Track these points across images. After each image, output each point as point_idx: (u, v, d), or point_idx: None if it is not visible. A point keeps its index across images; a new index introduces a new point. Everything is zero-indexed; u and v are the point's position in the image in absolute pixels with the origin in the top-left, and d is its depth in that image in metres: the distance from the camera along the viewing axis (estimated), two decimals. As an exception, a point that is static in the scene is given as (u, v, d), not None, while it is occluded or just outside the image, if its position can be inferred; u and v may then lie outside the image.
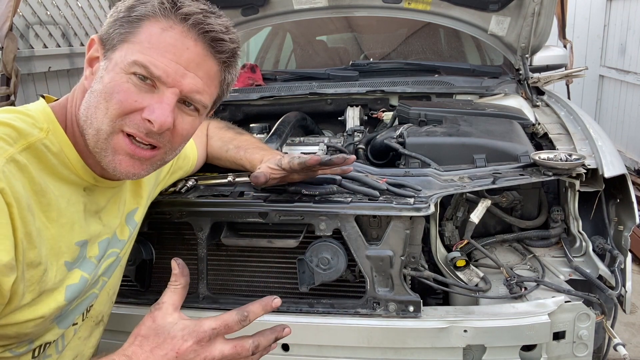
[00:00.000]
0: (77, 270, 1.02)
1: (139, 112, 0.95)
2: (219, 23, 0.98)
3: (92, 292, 1.11)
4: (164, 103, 0.95)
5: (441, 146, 1.63)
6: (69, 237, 0.99)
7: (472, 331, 1.33)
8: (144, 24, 0.94)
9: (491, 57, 2.90)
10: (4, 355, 0.95)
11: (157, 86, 0.95)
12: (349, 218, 1.37)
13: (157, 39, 0.94)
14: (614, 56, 5.60)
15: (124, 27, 0.95)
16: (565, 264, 1.52)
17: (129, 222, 1.20)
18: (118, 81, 0.93)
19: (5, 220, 0.82)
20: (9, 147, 0.87)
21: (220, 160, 1.59)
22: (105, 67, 0.96)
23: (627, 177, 1.47)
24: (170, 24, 0.94)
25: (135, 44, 0.94)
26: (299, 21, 2.75)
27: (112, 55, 0.95)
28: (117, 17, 0.96)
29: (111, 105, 0.94)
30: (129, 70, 0.93)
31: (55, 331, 1.03)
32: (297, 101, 2.31)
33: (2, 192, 0.82)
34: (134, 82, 0.94)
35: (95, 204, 1.07)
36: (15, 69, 2.88)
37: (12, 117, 0.92)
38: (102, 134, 0.95)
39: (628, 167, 4.98)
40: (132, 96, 0.94)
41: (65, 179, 0.98)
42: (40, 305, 0.93)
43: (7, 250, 0.82)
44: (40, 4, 3.91)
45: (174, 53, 0.94)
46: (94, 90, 0.96)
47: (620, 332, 2.74)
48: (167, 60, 0.94)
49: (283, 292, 1.50)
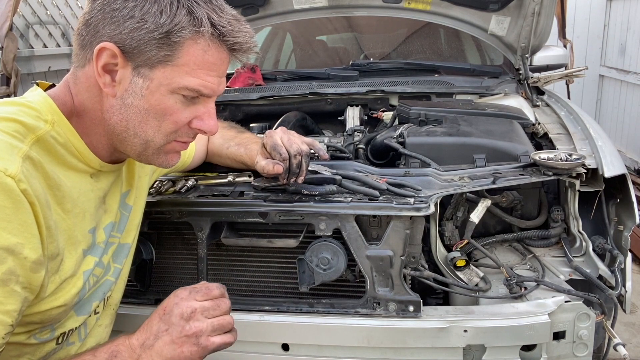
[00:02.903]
0: (89, 257, 1.07)
1: (188, 123, 1.05)
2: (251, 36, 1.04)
3: (107, 279, 1.14)
4: (211, 113, 1.06)
5: (441, 146, 1.63)
6: (82, 225, 1.03)
7: (472, 331, 1.32)
8: (185, 46, 0.96)
9: (491, 57, 2.90)
10: (29, 342, 0.99)
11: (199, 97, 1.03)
12: (349, 218, 1.37)
13: (202, 60, 0.98)
14: (614, 56, 5.60)
15: (163, 48, 0.95)
16: (565, 264, 1.52)
17: (122, 204, 1.21)
18: (168, 103, 1.00)
19: (31, 220, 0.87)
20: (21, 145, 0.89)
21: (220, 158, 1.60)
22: (146, 87, 0.97)
23: (627, 177, 1.47)
24: (208, 42, 0.98)
25: (180, 66, 0.97)
26: (299, 21, 2.75)
27: (152, 75, 0.97)
28: (150, 36, 0.94)
29: (164, 124, 1.02)
30: (177, 92, 0.99)
31: (75, 318, 1.07)
32: (297, 101, 2.31)
33: (25, 193, 0.85)
34: (181, 100, 1.01)
35: (101, 190, 1.10)
36: (15, 69, 2.88)
37: (15, 110, 0.93)
38: (153, 145, 1.04)
39: (628, 167, 4.98)
40: (184, 114, 1.02)
41: (74, 167, 1.01)
42: (62, 293, 0.98)
43: (35, 248, 0.87)
44: (40, 4, 3.92)
45: (217, 69, 1.01)
46: (132, 105, 0.98)
47: (620, 332, 2.74)
48: (212, 78, 1.01)
49: (283, 292, 1.50)
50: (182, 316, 0.99)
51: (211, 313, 1.01)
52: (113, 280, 1.16)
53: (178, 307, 1.00)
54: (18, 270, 0.85)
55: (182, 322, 0.98)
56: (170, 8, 0.94)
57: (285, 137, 1.41)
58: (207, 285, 1.05)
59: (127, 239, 1.22)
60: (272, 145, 1.38)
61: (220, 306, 1.03)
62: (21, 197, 0.84)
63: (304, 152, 1.39)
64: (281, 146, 1.38)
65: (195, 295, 1.02)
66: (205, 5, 0.97)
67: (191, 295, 1.02)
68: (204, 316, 1.00)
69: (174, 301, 1.01)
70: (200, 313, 1.00)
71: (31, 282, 0.88)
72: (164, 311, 1.01)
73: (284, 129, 1.46)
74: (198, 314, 1.00)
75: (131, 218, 1.23)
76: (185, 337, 0.97)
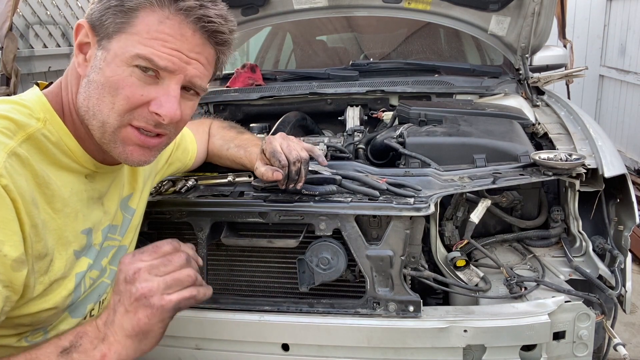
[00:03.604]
0: (84, 258, 1.04)
1: (146, 106, 0.96)
2: (217, 14, 0.98)
3: (103, 282, 1.13)
4: (170, 96, 0.96)
5: (441, 146, 1.63)
6: (73, 226, 1.00)
7: (472, 331, 1.33)
8: (140, 14, 0.93)
9: (491, 57, 2.90)
10: (20, 345, 0.97)
11: (160, 77, 0.96)
12: (349, 218, 1.37)
13: (156, 30, 0.93)
14: (614, 56, 5.60)
15: (118, 16, 0.93)
16: (565, 264, 1.52)
17: (123, 207, 1.20)
18: (121, 75, 0.93)
19: (12, 217, 0.84)
20: (9, 141, 0.88)
21: (220, 159, 1.60)
22: (103, 58, 0.94)
23: (627, 177, 1.47)
24: (166, 14, 0.93)
25: (134, 34, 0.93)
26: (299, 21, 2.75)
27: (109, 46, 0.94)
28: (108, 5, 0.93)
29: (117, 100, 0.94)
30: (131, 62, 0.93)
31: (69, 320, 1.05)
32: (297, 101, 2.31)
33: (6, 189, 0.83)
34: (137, 75, 0.94)
35: (97, 191, 1.08)
36: (15, 69, 2.88)
37: (7, 108, 0.92)
38: (109, 127, 0.96)
39: (628, 167, 4.98)
40: (138, 90, 0.94)
41: (66, 167, 0.99)
42: (52, 295, 0.96)
43: (16, 246, 0.85)
44: (40, 4, 3.92)
45: (174, 43, 0.94)
46: (93, 80, 0.95)
47: (620, 332, 2.74)
48: (169, 49, 0.94)
49: (283, 292, 1.50)
50: (127, 280, 0.88)
51: (161, 270, 0.90)
52: (109, 282, 1.15)
53: (121, 273, 0.90)
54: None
55: (128, 286, 0.88)
56: None
57: (284, 143, 1.40)
58: (156, 243, 0.94)
59: (125, 241, 1.21)
60: (272, 152, 1.37)
61: (173, 260, 0.91)
62: (1, 193, 0.82)
63: (303, 159, 1.38)
64: (280, 153, 1.37)
65: (140, 257, 0.91)
66: None
67: (135, 257, 0.91)
68: (152, 274, 0.89)
69: (119, 268, 0.91)
70: (147, 272, 0.89)
71: (12, 281, 0.85)
72: (115, 283, 0.91)
73: (284, 135, 1.45)
74: (143, 273, 0.88)
75: (132, 221, 1.23)
76: (135, 301, 0.87)
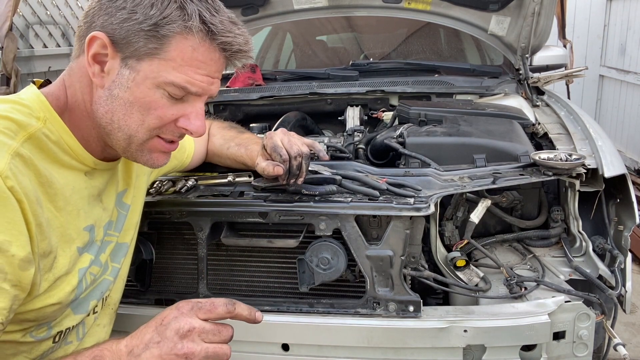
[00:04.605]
0: (86, 254, 1.06)
1: (174, 122, 1.03)
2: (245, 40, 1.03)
3: (105, 279, 1.14)
4: (198, 114, 1.04)
5: (441, 146, 1.63)
6: (76, 223, 1.02)
7: (472, 331, 1.32)
8: (173, 40, 0.96)
9: (491, 57, 2.90)
10: (25, 340, 0.99)
11: (187, 95, 1.01)
12: (349, 218, 1.37)
13: (190, 57, 0.97)
14: (614, 56, 5.60)
15: (150, 40, 0.95)
16: (565, 264, 1.52)
17: (118, 203, 1.21)
18: (153, 97, 0.98)
19: (18, 217, 0.86)
20: (11, 142, 0.89)
21: (221, 158, 1.60)
22: (132, 78, 0.97)
23: (627, 177, 1.47)
24: (198, 41, 0.97)
25: (168, 60, 0.96)
26: (299, 21, 2.75)
27: (139, 67, 0.96)
28: (139, 28, 0.94)
29: (148, 119, 1.00)
30: (164, 87, 0.98)
31: (72, 317, 1.07)
32: (297, 101, 2.31)
33: (12, 190, 0.85)
34: (167, 96, 0.99)
35: (96, 188, 1.09)
36: (15, 69, 2.88)
37: (7, 108, 0.93)
38: (136, 140, 1.02)
39: (628, 167, 4.98)
40: (170, 110, 1.01)
41: (67, 165, 1.01)
42: (56, 290, 0.98)
43: (23, 246, 0.87)
44: (40, 4, 3.92)
45: (205, 68, 1.00)
46: (118, 97, 0.98)
47: (620, 332, 2.74)
48: (201, 76, 0.99)
49: (283, 292, 1.50)
50: (178, 332, 0.90)
51: (209, 337, 0.92)
52: (111, 279, 1.16)
53: (177, 322, 0.91)
54: (6, 268, 0.84)
55: (176, 338, 0.90)
56: (162, 1, 0.94)
57: (285, 138, 1.41)
58: (213, 301, 0.94)
59: (125, 238, 1.22)
60: (273, 146, 1.38)
61: (222, 333, 0.93)
62: (8, 194, 0.84)
63: (304, 154, 1.39)
64: (281, 147, 1.38)
65: (197, 312, 0.93)
66: (199, 2, 0.97)
67: (193, 311, 0.92)
68: (201, 338, 0.91)
69: (174, 314, 0.92)
70: (198, 334, 0.91)
71: (20, 280, 0.87)
72: (162, 322, 0.92)
73: (284, 131, 1.46)
74: (195, 335, 0.90)
75: (129, 217, 1.23)
76: (175, 356, 0.88)
